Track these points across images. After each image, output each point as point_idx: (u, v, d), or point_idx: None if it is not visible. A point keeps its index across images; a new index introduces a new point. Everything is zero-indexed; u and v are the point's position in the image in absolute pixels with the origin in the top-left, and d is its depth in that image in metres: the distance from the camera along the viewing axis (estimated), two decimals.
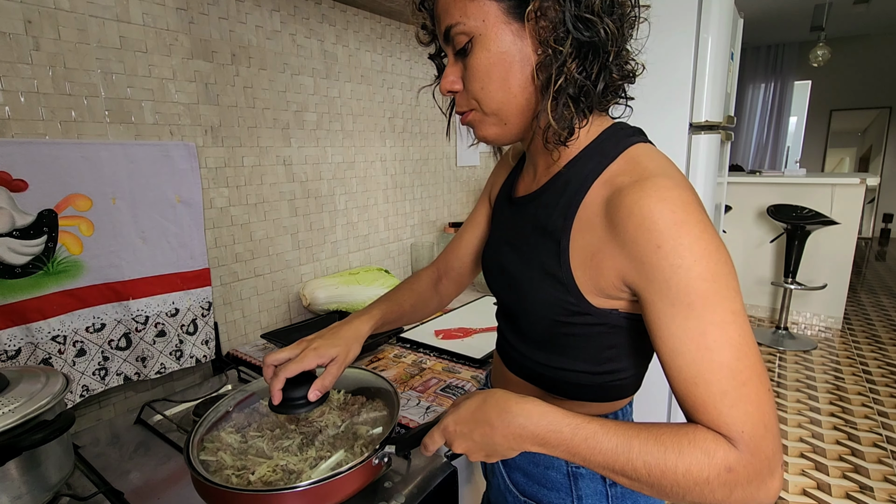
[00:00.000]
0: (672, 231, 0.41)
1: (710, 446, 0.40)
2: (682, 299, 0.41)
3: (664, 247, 0.42)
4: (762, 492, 0.40)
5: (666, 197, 0.42)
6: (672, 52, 1.49)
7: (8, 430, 0.52)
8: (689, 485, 0.40)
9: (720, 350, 0.40)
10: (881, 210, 6.56)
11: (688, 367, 0.42)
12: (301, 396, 0.61)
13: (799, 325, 3.35)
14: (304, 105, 1.17)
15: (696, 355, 0.41)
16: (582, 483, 0.56)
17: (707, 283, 0.41)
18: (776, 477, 0.40)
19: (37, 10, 0.74)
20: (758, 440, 0.40)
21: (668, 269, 0.42)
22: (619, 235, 0.45)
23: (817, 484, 1.77)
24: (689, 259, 0.41)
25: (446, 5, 0.49)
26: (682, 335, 0.42)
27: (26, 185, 0.72)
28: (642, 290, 0.44)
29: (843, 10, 5.00)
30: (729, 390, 0.40)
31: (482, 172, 1.89)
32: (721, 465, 0.39)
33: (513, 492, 0.62)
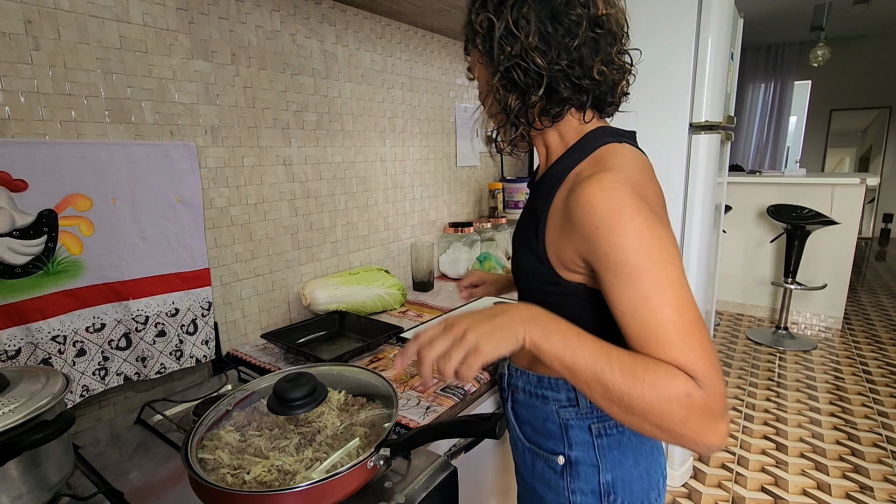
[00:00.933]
0: (607, 214, 0.50)
1: (672, 370, 0.46)
2: (621, 271, 0.49)
3: (601, 227, 0.50)
4: (710, 429, 0.45)
5: (606, 187, 0.51)
6: (672, 53, 1.49)
7: (8, 430, 0.52)
8: (653, 398, 0.45)
9: (661, 310, 0.48)
10: (881, 210, 6.55)
11: (639, 329, 0.49)
12: (300, 396, 0.61)
13: (799, 325, 3.35)
14: (304, 105, 1.17)
15: (643, 317, 0.48)
16: (572, 432, 0.66)
17: (640, 256, 0.49)
18: (724, 421, 0.45)
19: (37, 10, 0.74)
20: (710, 377, 0.45)
21: (607, 246, 0.50)
22: (572, 218, 0.54)
23: (817, 484, 1.77)
24: (623, 238, 0.49)
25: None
26: (629, 301, 0.49)
27: (26, 185, 0.72)
28: (594, 265, 0.53)
29: (843, 10, 5.00)
30: (676, 341, 0.47)
31: (482, 172, 1.89)
32: (681, 387, 0.45)
33: (522, 440, 0.73)
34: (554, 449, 0.67)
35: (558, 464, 0.67)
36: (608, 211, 0.50)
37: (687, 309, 0.48)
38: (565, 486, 0.67)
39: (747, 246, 3.50)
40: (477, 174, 1.86)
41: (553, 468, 0.67)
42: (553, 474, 0.67)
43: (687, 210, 1.57)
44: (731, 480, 1.80)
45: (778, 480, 1.80)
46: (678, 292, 0.48)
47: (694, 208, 1.56)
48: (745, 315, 3.56)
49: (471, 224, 1.66)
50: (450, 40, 1.63)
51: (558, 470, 0.67)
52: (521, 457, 0.74)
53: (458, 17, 1.37)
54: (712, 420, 0.45)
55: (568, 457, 0.66)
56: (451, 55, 1.64)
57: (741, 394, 2.43)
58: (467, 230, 1.64)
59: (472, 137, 1.79)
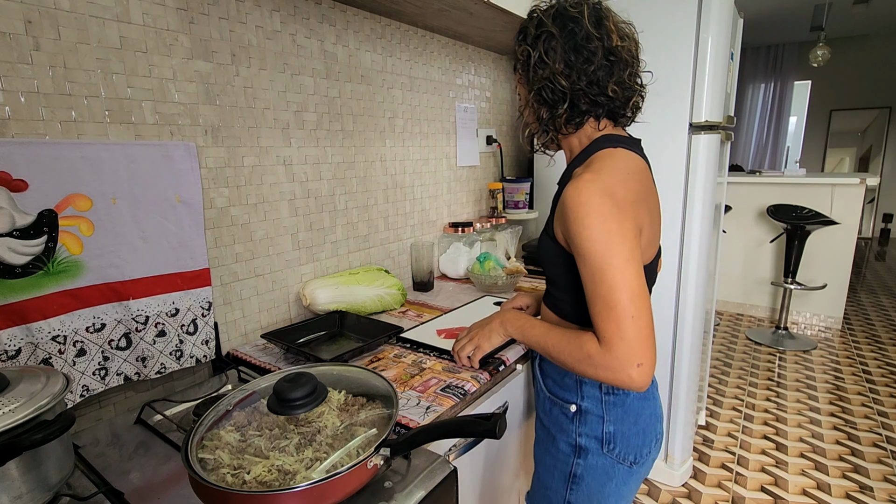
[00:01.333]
0: (576, 209, 0.67)
1: (584, 340, 0.69)
2: (582, 254, 0.67)
3: (571, 218, 0.68)
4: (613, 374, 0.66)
5: (580, 186, 0.67)
6: (672, 53, 1.49)
7: (8, 429, 0.52)
8: (573, 361, 0.71)
9: (600, 286, 0.66)
10: (881, 210, 6.55)
11: (588, 297, 0.68)
12: (300, 396, 0.62)
13: (799, 325, 3.35)
14: (304, 105, 1.17)
15: (590, 290, 0.67)
16: (585, 387, 0.81)
17: (596, 245, 0.65)
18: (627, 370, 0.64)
19: (37, 10, 0.74)
20: (611, 343, 0.65)
21: (574, 234, 0.67)
22: (560, 208, 0.71)
23: (817, 484, 1.77)
24: (584, 229, 0.66)
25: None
26: (584, 276, 0.68)
27: (26, 185, 0.72)
28: (570, 242, 0.70)
29: (843, 11, 5.00)
30: (601, 311, 0.66)
31: (482, 172, 1.89)
32: (585, 352, 0.68)
33: (544, 391, 0.88)
34: (568, 399, 0.82)
35: (570, 411, 0.82)
36: (577, 207, 0.67)
37: (618, 289, 0.64)
38: (574, 429, 0.82)
39: (747, 246, 3.50)
40: (477, 174, 1.86)
41: (566, 414, 0.83)
42: (565, 419, 0.83)
43: (687, 210, 1.57)
44: (730, 480, 1.81)
45: (778, 480, 1.80)
46: (622, 276, 0.64)
47: (694, 208, 1.56)
48: (745, 315, 3.56)
49: (471, 224, 1.66)
50: (450, 40, 1.63)
51: (570, 416, 0.82)
52: (541, 405, 0.89)
53: (457, 18, 1.37)
54: (617, 372, 0.65)
55: (579, 406, 0.81)
56: (451, 55, 1.64)
57: (741, 393, 2.44)
58: (467, 230, 1.64)
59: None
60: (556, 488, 0.84)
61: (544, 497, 0.87)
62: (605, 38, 0.71)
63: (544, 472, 0.87)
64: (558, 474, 0.84)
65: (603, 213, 0.65)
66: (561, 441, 0.83)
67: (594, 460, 0.80)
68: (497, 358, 0.98)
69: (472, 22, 1.41)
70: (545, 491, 0.86)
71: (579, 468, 0.81)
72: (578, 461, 0.81)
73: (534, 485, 0.91)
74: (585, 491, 0.82)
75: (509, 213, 1.89)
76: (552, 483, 0.85)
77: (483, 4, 1.21)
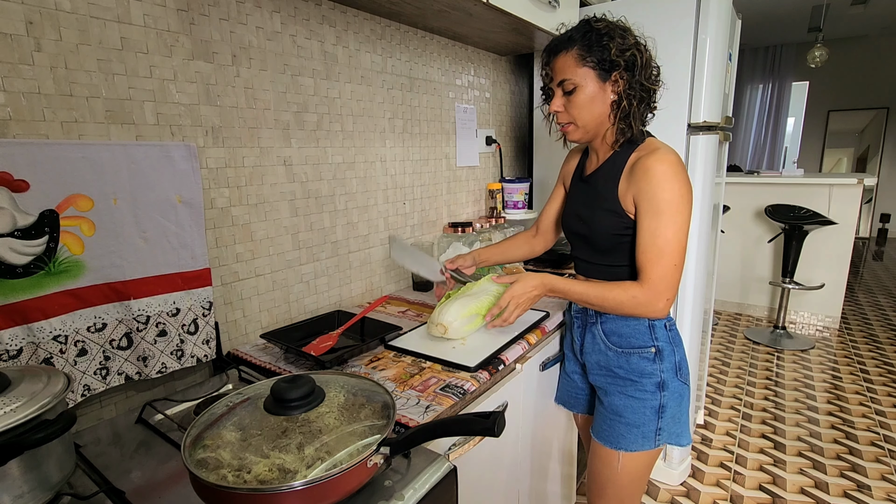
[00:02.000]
0: (660, 173, 0.88)
1: (627, 285, 0.92)
2: (654, 209, 0.88)
3: (652, 180, 0.88)
4: (651, 307, 0.90)
5: (663, 157, 0.89)
6: (671, 53, 1.49)
7: (9, 429, 0.52)
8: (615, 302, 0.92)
9: (660, 237, 0.88)
10: (878, 210, 6.57)
11: (642, 245, 0.90)
12: (299, 397, 0.62)
13: (797, 325, 3.36)
14: (304, 106, 1.17)
15: (648, 240, 0.89)
16: (656, 330, 0.97)
17: (670, 204, 0.87)
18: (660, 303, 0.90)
19: (38, 11, 0.74)
20: (654, 282, 0.89)
21: (652, 193, 0.88)
22: (634, 177, 0.92)
23: (815, 482, 1.78)
24: (663, 190, 0.87)
25: (563, 67, 0.92)
26: (647, 230, 0.89)
27: (28, 185, 0.72)
28: (639, 202, 0.90)
29: (841, 12, 5.02)
30: (653, 258, 0.88)
31: (482, 173, 1.89)
32: (630, 293, 0.91)
33: (613, 349, 1.01)
34: (646, 344, 0.98)
35: (651, 353, 0.97)
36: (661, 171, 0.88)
37: (674, 241, 0.87)
38: (657, 367, 0.97)
39: (745, 246, 3.51)
40: (476, 174, 1.86)
41: (647, 357, 0.97)
42: (647, 362, 0.97)
43: None
44: (729, 479, 1.81)
45: (776, 479, 1.80)
46: (677, 234, 0.87)
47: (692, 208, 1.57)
48: (744, 315, 3.57)
49: (470, 224, 1.66)
50: (449, 41, 1.63)
51: (651, 357, 0.97)
52: (613, 362, 1.01)
53: (457, 19, 1.37)
54: (651, 305, 0.90)
55: (656, 347, 0.97)
56: (451, 56, 1.65)
57: (739, 393, 2.44)
58: (467, 230, 1.65)
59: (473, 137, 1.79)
60: (647, 423, 0.97)
61: (639, 434, 0.98)
62: (653, 60, 0.94)
63: (632, 414, 0.98)
64: (648, 411, 0.97)
65: (680, 180, 0.87)
66: (647, 383, 0.97)
67: (672, 387, 0.97)
68: (497, 358, 0.99)
69: (471, 23, 1.42)
70: (638, 429, 0.98)
71: (665, 398, 0.97)
72: (664, 393, 0.97)
73: (619, 430, 0.99)
74: (670, 415, 0.98)
75: (509, 214, 1.90)
76: (643, 420, 0.98)
77: (483, 5, 1.22)
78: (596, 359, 1.04)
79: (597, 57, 0.89)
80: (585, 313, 1.06)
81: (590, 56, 0.89)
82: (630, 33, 0.91)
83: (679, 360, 0.99)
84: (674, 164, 0.88)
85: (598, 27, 0.90)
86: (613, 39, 0.88)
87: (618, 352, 1.00)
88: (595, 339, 1.04)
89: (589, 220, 0.99)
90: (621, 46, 0.88)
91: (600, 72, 0.90)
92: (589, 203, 1.00)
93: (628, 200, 0.92)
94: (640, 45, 0.90)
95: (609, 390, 1.02)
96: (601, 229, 0.97)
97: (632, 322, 0.98)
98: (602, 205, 0.96)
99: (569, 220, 1.07)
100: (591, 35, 0.89)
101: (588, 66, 0.90)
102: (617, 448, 0.99)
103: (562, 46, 0.92)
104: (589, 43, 0.89)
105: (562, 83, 0.93)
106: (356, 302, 1.40)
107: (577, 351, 1.11)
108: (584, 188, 1.04)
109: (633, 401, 0.98)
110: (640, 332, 0.98)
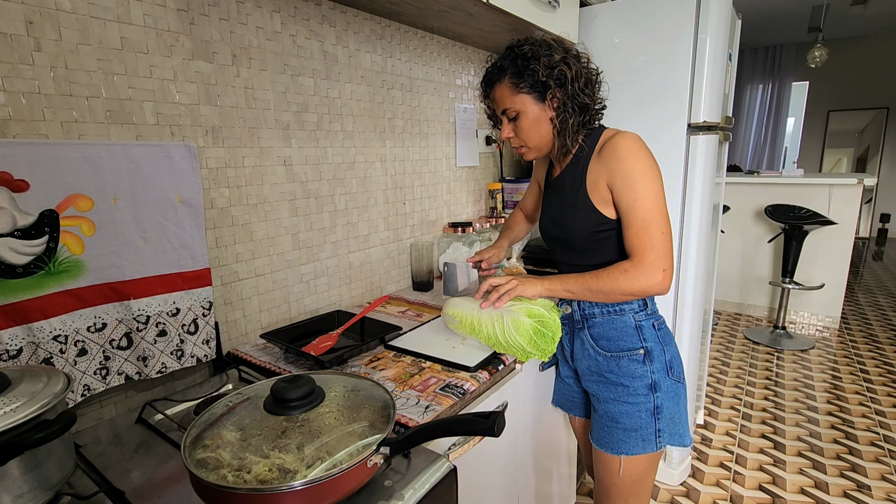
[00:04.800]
0: (625, 149, 0.89)
1: (618, 265, 0.90)
2: (628, 180, 0.88)
3: (621, 156, 0.89)
4: (645, 279, 0.87)
5: (629, 136, 0.91)
6: (670, 54, 1.49)
7: (9, 429, 0.52)
8: (609, 283, 0.89)
9: (641, 209, 0.87)
10: (878, 210, 6.57)
11: (625, 220, 0.90)
12: (299, 397, 0.62)
13: (797, 325, 3.36)
14: (304, 106, 1.17)
15: (630, 215, 0.88)
16: (644, 331, 0.97)
17: (644, 177, 0.87)
18: (656, 275, 0.87)
19: (38, 11, 0.74)
20: (644, 254, 0.87)
21: (624, 170, 0.88)
22: (602, 160, 0.92)
23: (815, 482, 1.78)
24: (636, 163, 0.88)
25: (501, 97, 0.95)
26: (628, 200, 0.88)
27: (28, 185, 0.72)
28: (612, 182, 0.90)
29: (841, 12, 5.02)
30: (639, 230, 0.88)
31: (482, 173, 1.89)
32: (622, 270, 0.89)
33: (602, 353, 1.00)
34: (634, 346, 0.97)
35: (640, 355, 0.96)
36: (626, 149, 0.89)
37: (655, 210, 0.87)
38: (648, 369, 0.96)
39: (745, 246, 3.51)
40: (476, 174, 1.86)
41: (637, 360, 0.97)
42: (637, 364, 0.96)
43: (685, 210, 1.58)
44: (729, 479, 1.81)
45: (776, 479, 1.80)
46: (655, 202, 0.87)
47: (692, 208, 1.57)
48: (743, 314, 3.57)
49: (470, 224, 1.66)
50: (449, 41, 1.63)
51: (640, 360, 0.96)
52: (603, 367, 1.00)
53: (457, 19, 1.37)
54: (645, 277, 0.87)
55: (645, 348, 0.96)
56: (451, 56, 1.65)
57: (739, 392, 2.44)
58: (467, 230, 1.65)
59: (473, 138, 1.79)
60: (645, 427, 0.97)
61: (638, 438, 0.97)
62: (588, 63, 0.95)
63: (628, 419, 0.97)
64: (644, 414, 0.96)
65: (648, 154, 0.89)
66: (638, 386, 0.96)
67: (665, 387, 0.97)
68: (497, 358, 0.99)
69: (471, 23, 1.42)
70: (637, 433, 0.97)
71: (658, 400, 0.96)
72: (657, 394, 0.96)
73: (618, 436, 0.99)
74: (668, 415, 0.97)
75: (509, 214, 1.90)
76: (640, 423, 0.97)
77: (483, 6, 1.22)
78: (587, 364, 1.04)
79: (528, 81, 0.90)
80: (572, 319, 1.05)
81: (522, 82, 0.91)
82: (556, 48, 0.91)
83: (670, 358, 0.98)
84: (638, 140, 0.90)
85: (523, 52, 0.90)
86: (539, 60, 0.89)
87: (607, 356, 0.99)
88: (584, 344, 1.03)
89: (563, 222, 1.00)
90: (548, 65, 0.89)
91: (536, 94, 0.91)
92: (561, 206, 1.01)
93: (601, 187, 0.91)
94: (567, 59, 0.90)
95: (602, 397, 1.01)
96: (576, 230, 0.97)
97: (619, 324, 0.97)
98: (574, 205, 0.96)
99: (546, 226, 1.07)
100: (518, 61, 0.90)
101: (523, 92, 0.91)
102: (618, 453, 0.99)
103: (495, 77, 0.94)
104: (518, 69, 0.90)
105: (504, 112, 0.95)
106: (356, 302, 1.40)
107: (567, 357, 1.10)
108: (553, 192, 1.05)
109: (628, 406, 0.97)
110: (628, 333, 0.97)
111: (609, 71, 1.64)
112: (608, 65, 1.61)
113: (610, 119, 1.03)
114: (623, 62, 1.58)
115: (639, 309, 0.97)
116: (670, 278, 0.87)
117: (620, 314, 0.98)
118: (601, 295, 0.92)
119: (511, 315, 0.95)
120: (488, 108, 1.01)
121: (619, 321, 0.98)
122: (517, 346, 0.94)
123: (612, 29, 1.60)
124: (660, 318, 1.00)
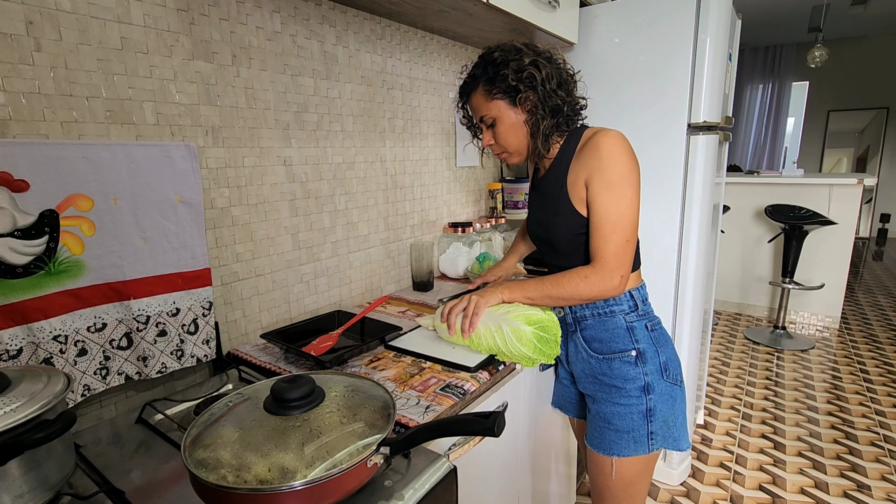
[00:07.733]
0: (609, 148, 0.87)
1: (578, 269, 0.91)
2: (605, 182, 0.87)
3: (602, 156, 0.88)
4: (604, 284, 0.88)
5: (610, 133, 0.89)
6: (670, 54, 1.49)
7: (9, 429, 0.52)
8: (570, 287, 0.91)
9: (612, 213, 0.87)
10: (878, 210, 6.57)
11: (595, 224, 0.89)
12: (299, 397, 0.62)
13: (797, 325, 3.36)
14: (304, 106, 1.17)
15: (601, 217, 0.88)
16: (636, 332, 0.97)
17: (621, 177, 0.87)
18: (614, 280, 0.88)
19: (38, 11, 0.74)
20: (606, 260, 0.88)
21: (602, 169, 0.87)
22: (582, 158, 0.91)
23: (815, 482, 1.78)
24: (614, 163, 0.87)
25: (477, 105, 0.97)
26: (601, 202, 0.88)
27: (28, 185, 0.72)
28: (590, 182, 0.89)
29: (841, 12, 5.02)
30: (607, 234, 0.87)
31: (482, 173, 1.89)
32: (583, 275, 0.90)
33: (595, 356, 1.00)
34: (626, 348, 0.96)
35: (632, 356, 0.96)
36: (606, 147, 0.87)
37: (626, 216, 0.87)
38: (640, 371, 0.95)
39: (745, 246, 3.51)
40: (476, 174, 1.86)
41: (629, 362, 0.96)
42: (629, 366, 0.96)
43: (685, 210, 1.58)
44: (729, 479, 1.81)
45: (776, 479, 1.80)
46: (628, 208, 0.87)
47: (692, 208, 1.57)
48: (743, 315, 3.57)
49: (470, 224, 1.66)
50: (449, 41, 1.63)
51: (632, 361, 0.96)
52: (596, 369, 1.00)
53: (457, 19, 1.37)
54: (604, 282, 0.88)
55: (637, 349, 0.96)
56: (451, 56, 1.65)
57: (739, 393, 2.44)
58: (467, 230, 1.65)
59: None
60: (637, 429, 0.96)
61: (630, 440, 0.97)
62: (563, 64, 0.96)
63: (620, 421, 0.97)
64: (636, 416, 0.96)
65: (629, 154, 0.88)
66: (630, 388, 0.96)
67: (659, 389, 0.96)
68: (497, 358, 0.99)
69: (471, 23, 1.42)
70: (628, 434, 0.96)
71: (651, 402, 0.95)
72: (650, 397, 0.95)
73: (610, 437, 0.98)
74: (661, 418, 0.96)
75: (509, 214, 1.90)
76: (632, 425, 0.96)
77: (483, 6, 1.22)
78: (581, 367, 1.04)
79: (500, 87, 0.91)
80: (564, 322, 1.05)
81: (494, 88, 0.92)
82: (526, 52, 0.91)
83: (665, 360, 0.97)
84: (622, 139, 0.88)
85: (493, 58, 0.92)
86: (508, 65, 0.89)
87: (599, 358, 0.99)
88: (577, 347, 1.03)
89: (546, 223, 1.00)
90: (517, 69, 0.89)
91: (508, 99, 0.92)
92: (544, 207, 1.01)
93: (579, 187, 0.91)
94: (537, 62, 0.90)
95: (597, 398, 1.01)
96: (559, 231, 0.97)
97: (610, 326, 0.97)
98: (555, 206, 0.96)
99: (532, 227, 1.08)
100: (489, 68, 0.92)
101: (497, 98, 0.92)
102: (609, 454, 0.99)
103: (470, 87, 0.96)
104: (490, 77, 0.92)
105: (482, 119, 0.96)
106: (356, 302, 1.40)
107: (563, 360, 1.11)
108: (538, 194, 1.06)
109: (620, 407, 0.97)
110: (620, 335, 0.97)
111: (609, 71, 1.65)
112: (608, 65, 1.61)
113: (610, 119, 1.04)
114: (623, 62, 1.58)
115: (629, 310, 0.97)
116: (625, 283, 0.89)
117: (611, 315, 0.97)
118: (561, 301, 0.94)
119: (509, 325, 0.93)
120: (465, 117, 1.03)
121: (609, 322, 0.97)
122: (522, 356, 0.93)
123: (612, 29, 1.59)
124: (654, 319, 0.99)
